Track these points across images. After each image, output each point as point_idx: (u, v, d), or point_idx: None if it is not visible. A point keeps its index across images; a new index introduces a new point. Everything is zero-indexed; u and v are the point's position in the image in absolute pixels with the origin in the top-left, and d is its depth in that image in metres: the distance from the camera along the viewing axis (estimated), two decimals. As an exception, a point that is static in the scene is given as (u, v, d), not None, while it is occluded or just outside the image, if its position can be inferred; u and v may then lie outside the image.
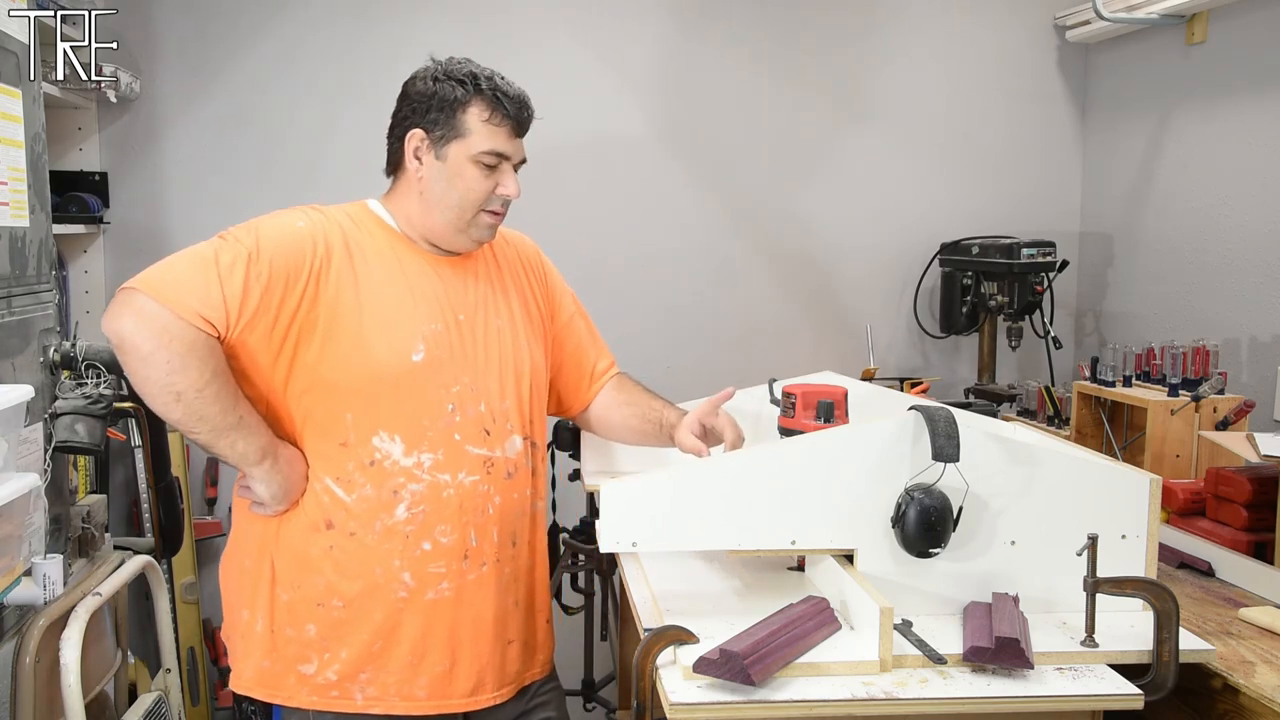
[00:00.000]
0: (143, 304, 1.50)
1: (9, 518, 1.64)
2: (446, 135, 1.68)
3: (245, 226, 1.62)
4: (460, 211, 1.69)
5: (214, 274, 1.53)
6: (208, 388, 1.52)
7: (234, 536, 1.74)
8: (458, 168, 1.68)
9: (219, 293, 1.53)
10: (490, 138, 1.68)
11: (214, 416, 1.54)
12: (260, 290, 1.56)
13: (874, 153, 3.34)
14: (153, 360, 1.50)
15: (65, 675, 1.84)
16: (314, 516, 1.65)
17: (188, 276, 1.53)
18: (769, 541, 1.58)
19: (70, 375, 2.04)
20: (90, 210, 2.87)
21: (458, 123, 1.68)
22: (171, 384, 1.50)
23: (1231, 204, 2.76)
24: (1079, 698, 1.39)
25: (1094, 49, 3.35)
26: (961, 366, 3.43)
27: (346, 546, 1.64)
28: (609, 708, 2.77)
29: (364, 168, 3.18)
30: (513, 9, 3.15)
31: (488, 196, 1.70)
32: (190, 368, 1.50)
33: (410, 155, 1.71)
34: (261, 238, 1.59)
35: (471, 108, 1.67)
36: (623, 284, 3.24)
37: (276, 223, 1.63)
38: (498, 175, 1.70)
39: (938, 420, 1.54)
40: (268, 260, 1.57)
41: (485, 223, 1.72)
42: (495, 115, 1.68)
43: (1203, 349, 2.44)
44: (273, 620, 1.66)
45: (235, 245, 1.57)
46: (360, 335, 1.62)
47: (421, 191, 1.71)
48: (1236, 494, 2.00)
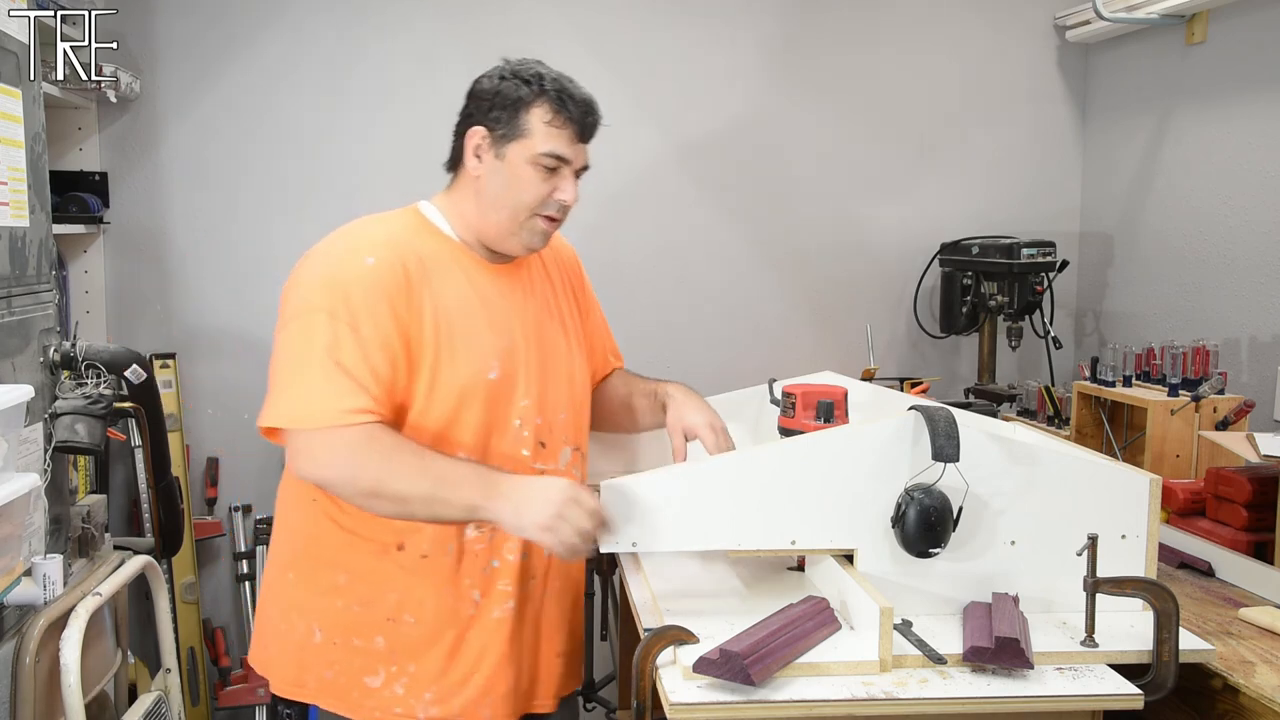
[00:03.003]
0: (300, 442, 1.52)
1: (9, 518, 1.64)
2: (508, 134, 1.64)
3: (325, 287, 1.56)
4: (514, 213, 1.65)
5: (331, 365, 1.51)
6: (391, 472, 1.49)
7: (286, 544, 1.71)
8: (516, 168, 1.64)
9: (348, 381, 1.51)
10: (551, 140, 1.63)
11: (410, 492, 1.50)
12: (381, 352, 1.54)
13: (874, 152, 3.34)
14: (338, 483, 1.52)
15: (65, 675, 1.84)
16: (385, 539, 1.62)
17: (318, 385, 1.51)
18: (769, 541, 1.58)
19: (70, 375, 2.04)
20: (90, 210, 2.87)
21: (519, 122, 1.63)
22: (360, 489, 1.51)
23: (1231, 204, 2.76)
24: (1079, 698, 1.39)
25: (1094, 49, 3.35)
26: (961, 366, 3.43)
27: (419, 568, 1.62)
28: (609, 708, 2.77)
29: (364, 167, 3.21)
30: (514, 10, 3.15)
31: (544, 200, 1.65)
32: (359, 464, 1.49)
33: (470, 153, 1.67)
34: (350, 299, 1.55)
35: (535, 108, 1.63)
36: (622, 284, 3.23)
37: (352, 273, 1.57)
38: (556, 179, 1.66)
39: (938, 420, 1.54)
40: (368, 320, 1.54)
41: (539, 228, 1.68)
42: (558, 118, 1.63)
43: (1203, 349, 2.44)
44: (336, 632, 1.63)
45: (333, 323, 1.53)
46: (441, 360, 1.59)
47: (478, 191, 1.67)
48: (1236, 494, 2.00)
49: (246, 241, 3.11)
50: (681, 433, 1.84)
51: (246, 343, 3.11)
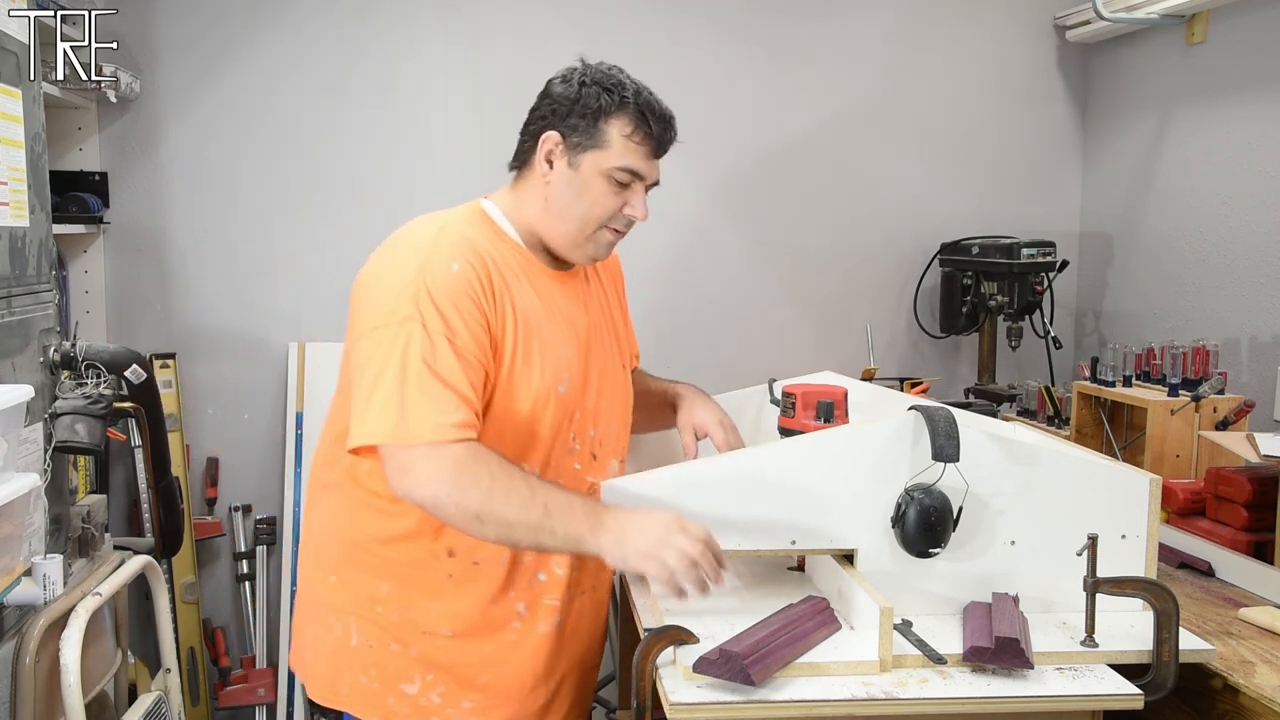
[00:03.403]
0: (400, 459, 1.44)
1: (9, 518, 1.63)
2: (584, 143, 1.58)
3: (414, 295, 1.48)
4: (583, 225, 1.60)
5: (430, 377, 1.44)
6: (499, 496, 1.43)
7: (329, 548, 1.65)
8: (589, 179, 1.58)
9: (449, 394, 1.44)
10: (629, 154, 1.58)
11: (519, 519, 1.43)
12: (477, 363, 1.49)
13: (874, 153, 3.34)
14: (443, 504, 1.44)
15: (65, 675, 1.84)
16: (436, 543, 1.57)
17: (416, 398, 1.43)
18: (769, 541, 1.58)
19: (70, 375, 2.04)
20: (90, 210, 2.87)
21: (598, 132, 1.57)
22: (466, 511, 1.43)
23: (1232, 204, 2.76)
24: (1079, 698, 1.39)
25: (1094, 49, 3.35)
26: (961, 366, 3.43)
27: (467, 575, 1.57)
28: (609, 708, 2.77)
29: (364, 167, 3.21)
30: (514, 10, 3.15)
31: (614, 214, 1.61)
32: (465, 485, 1.42)
33: (542, 157, 1.60)
34: (442, 307, 1.47)
35: (615, 119, 1.57)
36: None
37: (440, 280, 1.49)
38: (628, 194, 1.61)
39: (938, 420, 1.54)
40: (463, 330, 1.48)
41: (605, 240, 1.64)
42: (639, 132, 1.58)
43: (1203, 349, 2.44)
44: (374, 636, 1.59)
45: (428, 332, 1.46)
46: (517, 370, 1.55)
47: (547, 197, 1.61)
48: (1236, 494, 2.00)
49: (246, 241, 3.11)
50: (692, 430, 1.84)
51: (246, 343, 3.11)
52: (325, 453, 1.68)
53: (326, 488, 1.66)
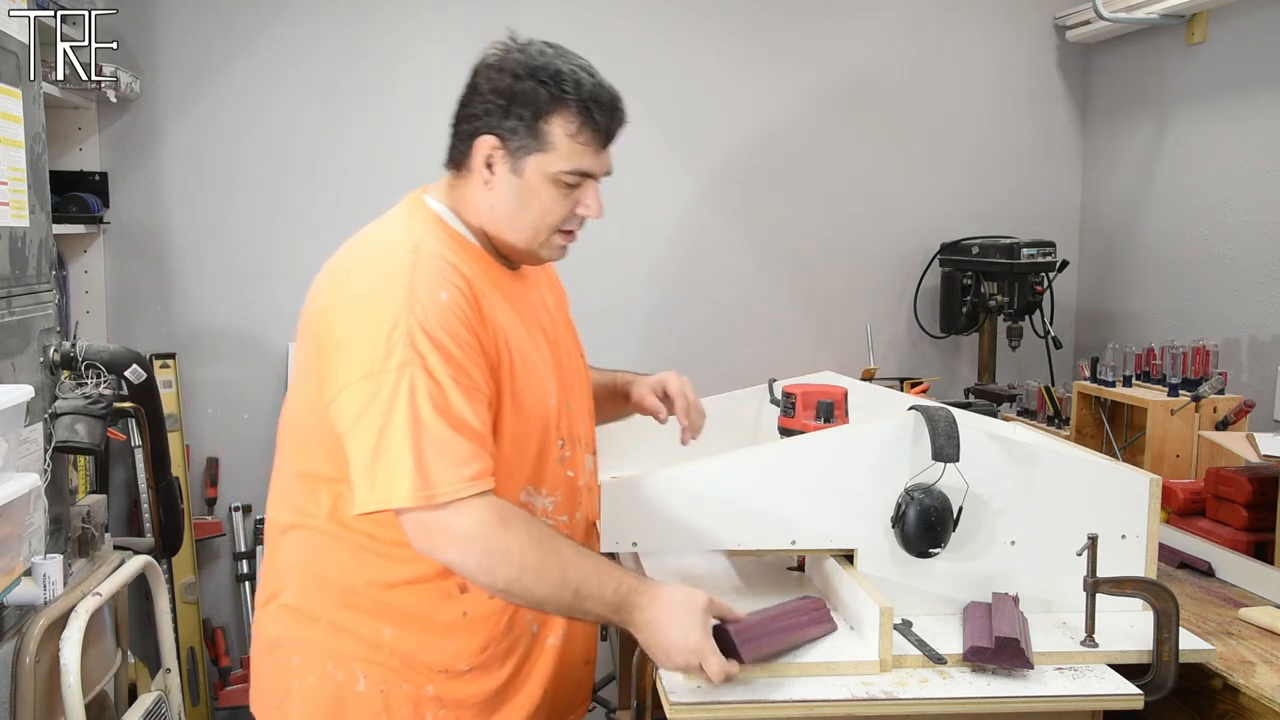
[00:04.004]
0: (422, 519, 1.31)
1: (9, 518, 1.63)
2: (526, 147, 1.42)
3: (407, 333, 1.32)
4: (534, 233, 1.46)
5: (443, 426, 1.31)
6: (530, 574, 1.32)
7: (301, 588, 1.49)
8: (535, 185, 1.44)
9: (464, 442, 1.32)
10: (575, 155, 1.43)
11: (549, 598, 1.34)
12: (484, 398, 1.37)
13: (874, 153, 3.34)
14: (471, 572, 1.34)
15: (65, 675, 1.84)
16: (445, 583, 1.43)
17: (432, 452, 1.30)
18: (769, 541, 1.58)
19: (70, 375, 2.04)
20: (90, 210, 2.87)
21: (539, 133, 1.42)
22: (494, 584, 1.33)
23: (1231, 204, 2.76)
24: (1079, 698, 1.39)
25: (1094, 49, 3.35)
26: (961, 366, 3.43)
27: (482, 610, 1.45)
28: (609, 708, 2.76)
29: (364, 167, 3.21)
30: (514, 10, 3.15)
31: (566, 217, 1.47)
32: (495, 556, 1.32)
33: (480, 163, 1.45)
34: (441, 345, 1.33)
35: (557, 117, 1.42)
36: (622, 284, 3.24)
37: (433, 314, 1.34)
38: (579, 193, 1.46)
39: (938, 420, 1.54)
40: (468, 364, 1.35)
41: (558, 244, 1.50)
42: (584, 131, 1.42)
43: (1203, 349, 2.44)
44: (384, 680, 1.45)
45: (431, 376, 1.32)
46: (521, 391, 1.44)
47: (493, 204, 1.46)
48: (1236, 494, 2.00)
49: (246, 241, 3.11)
50: (651, 392, 1.75)
51: (246, 343, 3.11)
52: (290, 493, 1.50)
53: (294, 529, 1.49)
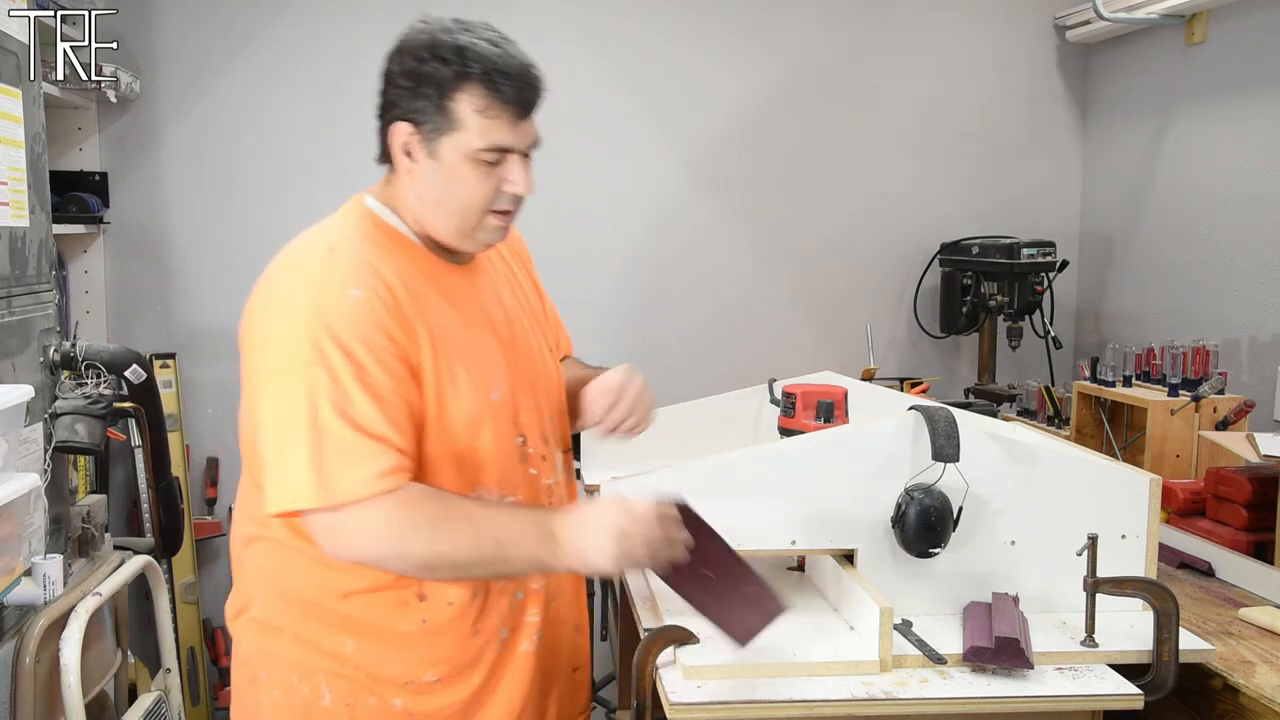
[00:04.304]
0: (325, 521, 1.29)
1: (9, 518, 1.63)
2: (438, 128, 1.38)
3: (313, 334, 1.30)
4: (464, 217, 1.41)
5: (345, 427, 1.28)
6: (443, 541, 1.30)
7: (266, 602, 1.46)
8: (454, 167, 1.38)
9: (369, 442, 1.29)
10: (487, 132, 1.37)
11: (469, 558, 1.32)
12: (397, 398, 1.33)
13: (874, 153, 3.34)
14: (386, 561, 1.32)
15: (65, 675, 1.84)
16: (402, 592, 1.40)
17: (334, 453, 1.28)
18: (769, 541, 1.58)
19: (70, 375, 2.04)
20: (90, 210, 2.87)
21: (448, 113, 1.37)
22: (413, 564, 1.32)
23: (1231, 204, 2.76)
24: (1079, 698, 1.39)
25: (1094, 49, 3.35)
26: (961, 366, 3.43)
27: (443, 617, 1.41)
28: (609, 708, 2.76)
29: (364, 167, 3.20)
30: (514, 9, 3.15)
31: (492, 197, 1.41)
32: (405, 539, 1.29)
33: (400, 151, 1.42)
34: (347, 344, 1.30)
35: (462, 94, 1.36)
36: (623, 285, 3.24)
37: (340, 312, 1.32)
38: (503, 170, 1.40)
39: (938, 420, 1.55)
40: (374, 366, 1.31)
41: (492, 225, 1.43)
42: (493, 105, 1.36)
43: (1203, 349, 2.44)
44: (349, 693, 1.41)
45: (335, 376, 1.29)
46: (445, 391, 1.39)
47: (419, 194, 1.43)
48: (1236, 494, 2.00)
49: (246, 241, 3.10)
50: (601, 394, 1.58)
51: (246, 343, 3.11)
52: (249, 504, 1.46)
53: (257, 541, 1.46)
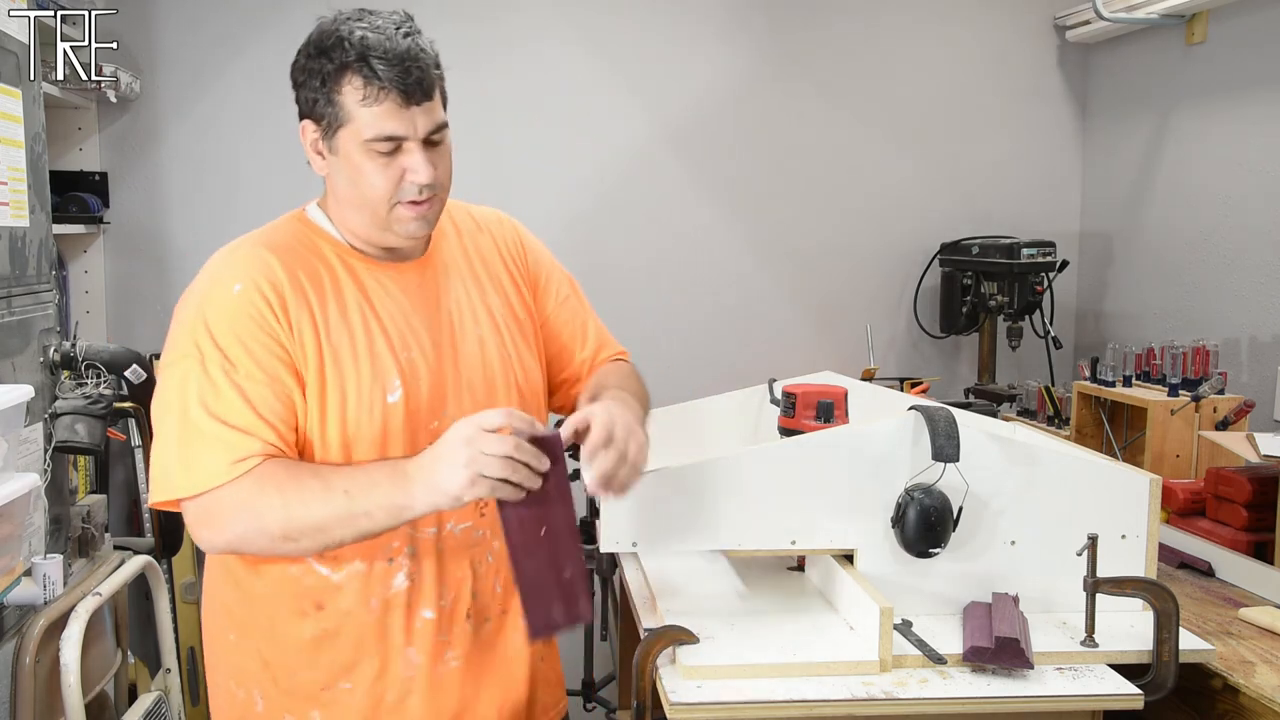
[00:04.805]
0: (193, 511, 1.32)
1: (9, 518, 1.63)
2: (332, 123, 1.37)
3: (191, 327, 1.35)
4: (373, 208, 1.39)
5: (208, 419, 1.31)
6: (295, 504, 1.29)
7: (214, 605, 1.49)
8: (353, 160, 1.37)
9: (231, 432, 1.31)
10: (374, 121, 1.34)
11: (324, 515, 1.29)
12: (267, 390, 1.34)
13: (874, 153, 3.34)
14: (246, 539, 1.32)
15: (65, 675, 1.84)
16: (300, 602, 1.40)
17: (199, 444, 1.31)
18: (769, 541, 1.58)
19: (70, 375, 2.04)
20: (90, 210, 2.87)
21: (335, 104, 1.35)
22: (271, 534, 1.30)
23: (1231, 204, 2.76)
24: (1079, 698, 1.39)
25: (1094, 49, 3.35)
26: (961, 366, 3.43)
27: (342, 628, 1.40)
28: (609, 708, 2.76)
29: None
30: (514, 9, 3.15)
31: (395, 187, 1.37)
32: (258, 510, 1.29)
33: (311, 152, 1.43)
34: (218, 336, 1.34)
35: (343, 86, 1.34)
36: (623, 285, 3.23)
37: (218, 305, 1.37)
38: (400, 159, 1.37)
39: (938, 420, 1.55)
40: (245, 359, 1.34)
41: (405, 216, 1.39)
42: (370, 91, 1.33)
43: (1203, 349, 2.44)
44: (274, 701, 1.43)
45: (205, 368, 1.33)
46: (329, 387, 1.37)
47: (335, 192, 1.44)
48: (1236, 494, 2.00)
49: (246, 241, 3.11)
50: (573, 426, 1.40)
51: (246, 343, 3.11)
52: None
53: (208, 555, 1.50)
